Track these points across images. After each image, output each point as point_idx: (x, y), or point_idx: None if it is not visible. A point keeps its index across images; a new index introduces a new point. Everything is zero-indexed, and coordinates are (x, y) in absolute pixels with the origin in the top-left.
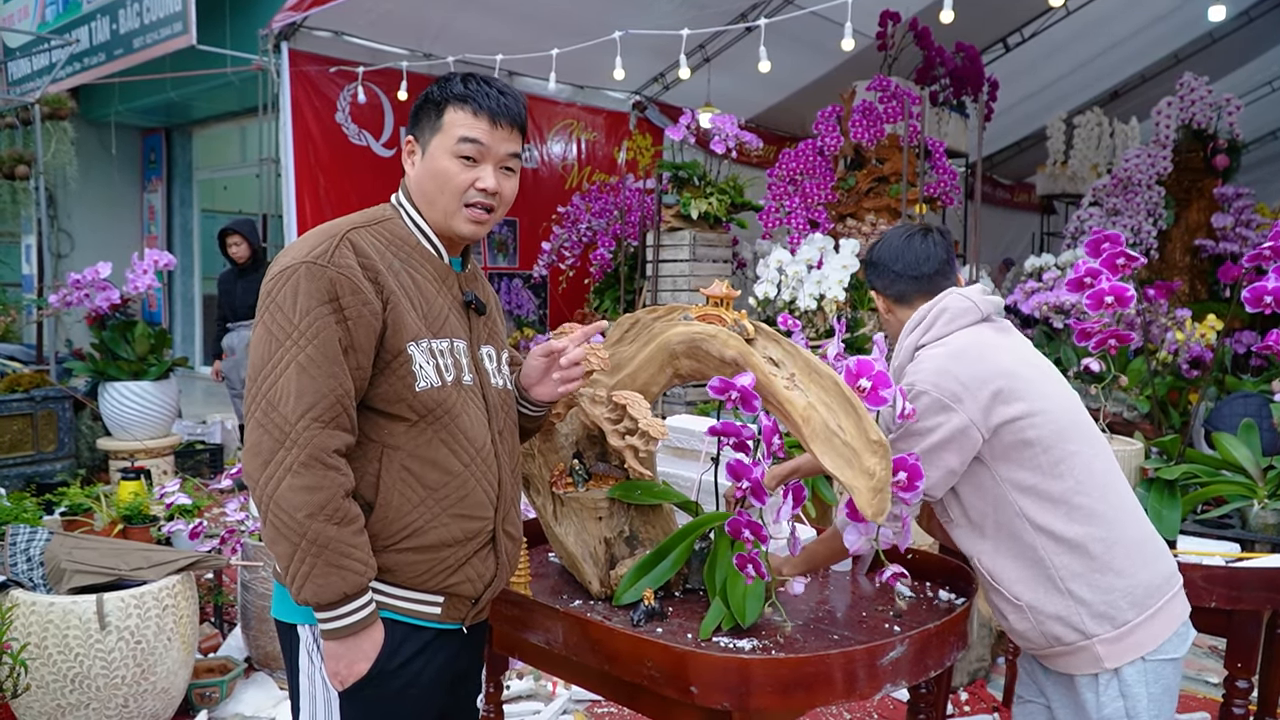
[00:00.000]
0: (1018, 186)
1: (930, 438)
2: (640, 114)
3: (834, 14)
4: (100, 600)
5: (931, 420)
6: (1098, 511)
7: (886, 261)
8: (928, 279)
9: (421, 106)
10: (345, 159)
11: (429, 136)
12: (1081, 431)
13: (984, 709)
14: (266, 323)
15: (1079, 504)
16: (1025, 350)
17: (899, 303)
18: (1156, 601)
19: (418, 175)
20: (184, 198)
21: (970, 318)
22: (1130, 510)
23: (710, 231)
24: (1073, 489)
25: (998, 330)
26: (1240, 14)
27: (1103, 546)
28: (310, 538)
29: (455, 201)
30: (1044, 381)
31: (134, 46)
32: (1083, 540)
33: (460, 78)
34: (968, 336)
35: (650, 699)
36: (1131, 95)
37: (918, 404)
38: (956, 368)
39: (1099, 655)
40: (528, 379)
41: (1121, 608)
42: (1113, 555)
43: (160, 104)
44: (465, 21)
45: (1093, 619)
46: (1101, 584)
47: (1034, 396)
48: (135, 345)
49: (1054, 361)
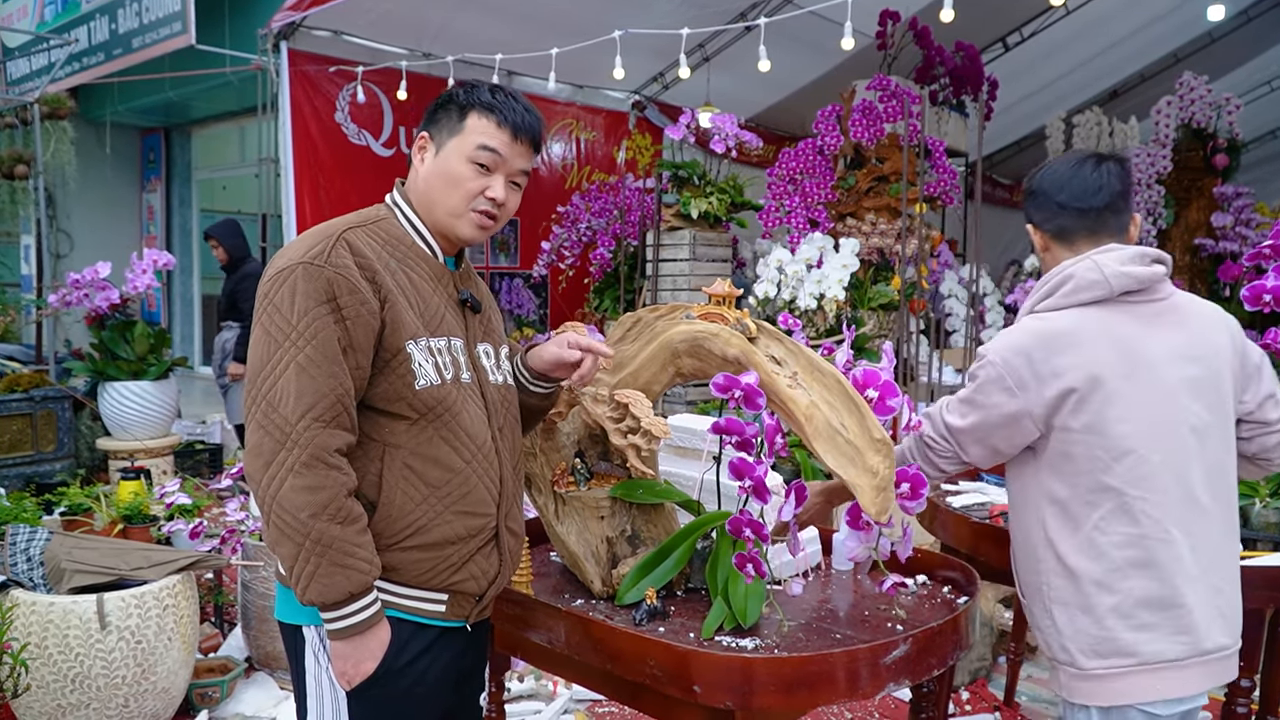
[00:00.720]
0: (1017, 186)
1: (984, 414)
2: (639, 114)
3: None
4: (100, 600)
5: (991, 397)
6: (1109, 555)
7: (1048, 190)
8: (1095, 214)
9: (442, 106)
10: (345, 159)
11: (446, 137)
12: (1146, 470)
13: (985, 708)
14: (265, 324)
15: (1094, 539)
16: (1156, 352)
17: (1058, 240)
18: (1129, 663)
19: (427, 173)
20: (183, 198)
21: (1093, 294)
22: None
23: (710, 231)
24: (1095, 523)
25: (1133, 317)
26: (1239, 13)
27: (1095, 589)
28: (314, 538)
29: (463, 204)
30: (1140, 399)
31: (133, 46)
32: (1079, 573)
33: (489, 87)
34: (1074, 319)
35: (653, 698)
36: (1131, 95)
37: (983, 373)
38: (1037, 353)
39: (1062, 683)
40: (540, 361)
41: (1085, 652)
42: (1099, 600)
43: (159, 104)
44: (465, 21)
45: (1060, 648)
46: (1077, 621)
47: (1108, 414)
48: (135, 345)
49: None
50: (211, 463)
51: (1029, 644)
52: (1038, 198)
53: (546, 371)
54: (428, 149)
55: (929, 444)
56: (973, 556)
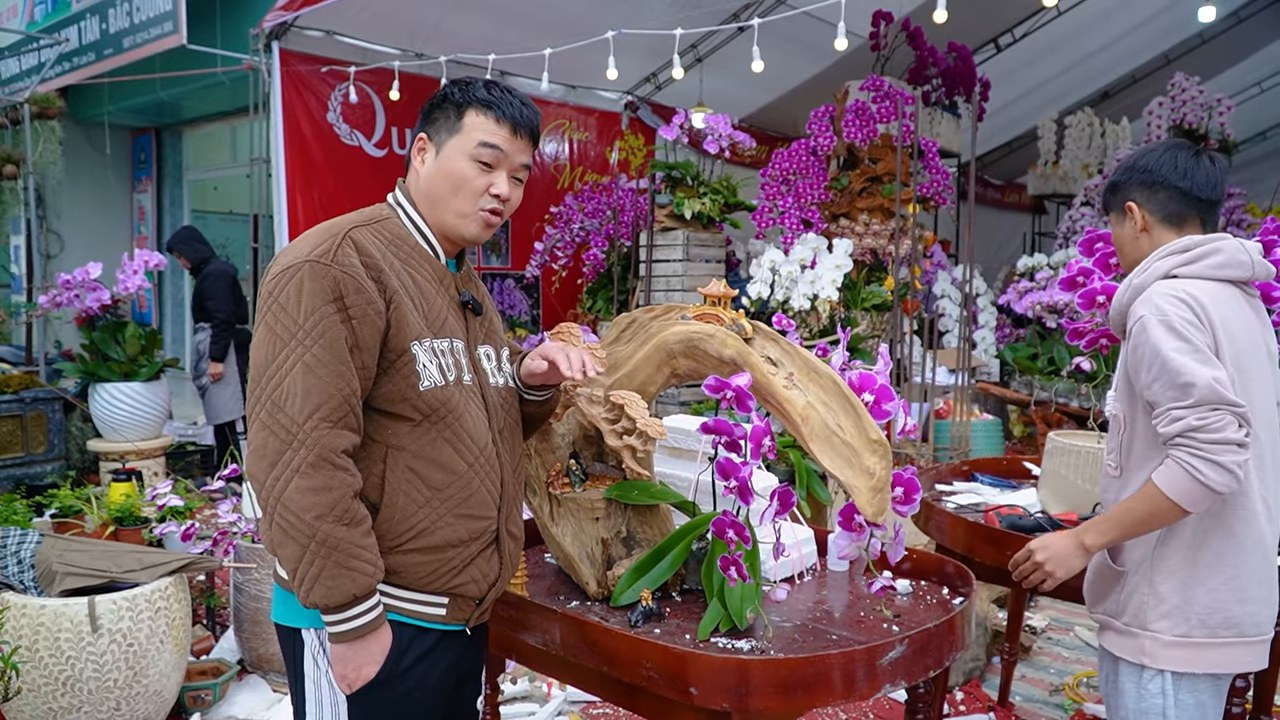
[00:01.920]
0: (1009, 186)
1: (1197, 348)
2: (632, 114)
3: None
4: (92, 603)
5: (1191, 336)
6: (1234, 531)
7: (1168, 175)
8: (1210, 205)
9: (438, 105)
10: (337, 159)
11: (445, 137)
12: (1259, 449)
13: (979, 708)
14: (269, 323)
15: (1221, 514)
16: (1257, 336)
17: (1167, 223)
18: (1229, 635)
19: (428, 174)
20: (174, 198)
21: (1236, 273)
22: (1267, 548)
23: (704, 231)
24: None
25: (1251, 304)
26: (1230, 14)
27: (1215, 560)
28: (320, 539)
29: (470, 204)
30: (1257, 379)
31: (124, 46)
32: (1202, 544)
33: (483, 83)
34: (1217, 290)
35: (649, 700)
36: (1122, 95)
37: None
38: (1195, 303)
39: (1145, 649)
40: (525, 373)
41: (1191, 620)
42: (1217, 572)
43: (150, 104)
44: (457, 21)
45: (1158, 616)
46: (1189, 591)
47: (1238, 384)
48: (126, 346)
49: (1046, 360)
50: (203, 464)
51: (1023, 644)
52: (1152, 180)
53: (536, 379)
54: (427, 150)
55: (1199, 426)
56: (968, 557)
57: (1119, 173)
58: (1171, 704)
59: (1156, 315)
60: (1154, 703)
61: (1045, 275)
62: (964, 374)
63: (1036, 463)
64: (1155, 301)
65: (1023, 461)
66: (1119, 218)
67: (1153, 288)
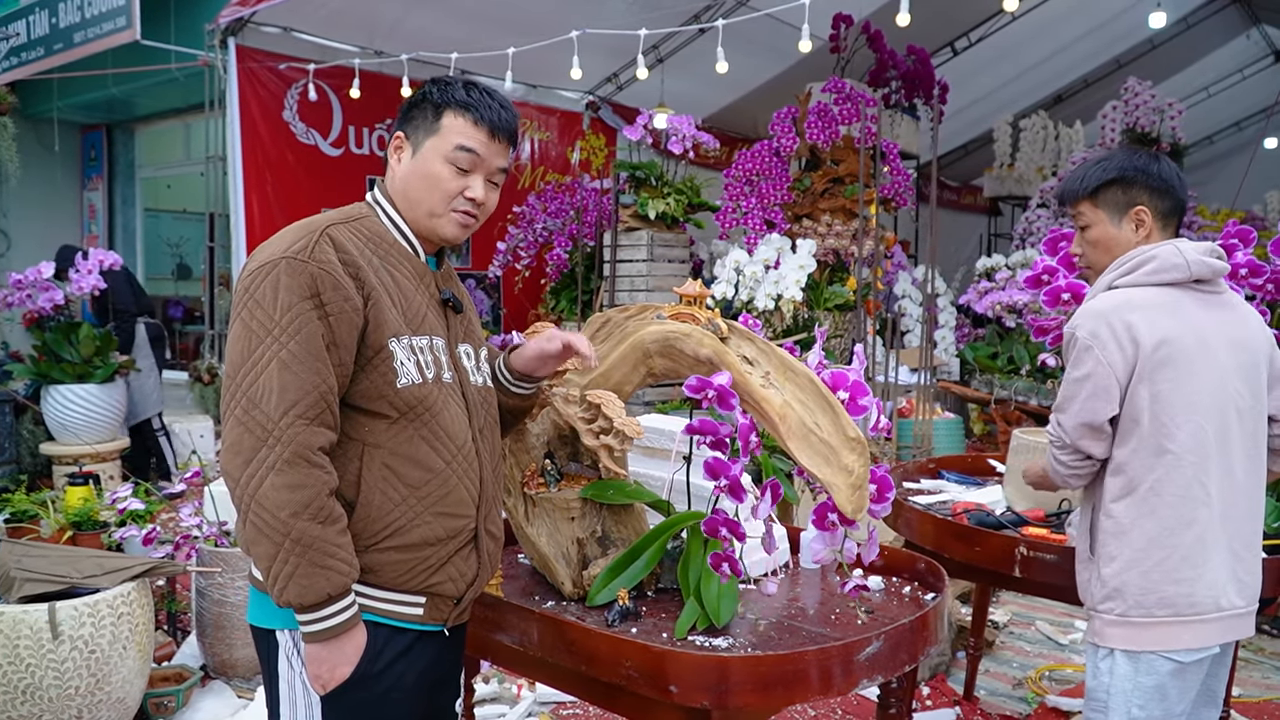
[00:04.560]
0: (965, 188)
1: (1086, 390)
2: (594, 114)
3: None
4: (53, 609)
5: (1083, 367)
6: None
7: (1169, 179)
8: (1184, 208)
9: (416, 105)
10: (293, 158)
11: (423, 137)
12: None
13: (945, 703)
14: (245, 319)
15: (1149, 500)
16: (1205, 331)
17: (1163, 225)
18: (1165, 614)
19: (405, 173)
20: (126, 196)
21: (1173, 275)
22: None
23: (668, 232)
24: (1152, 484)
25: (1200, 302)
26: (1179, 20)
27: (1147, 545)
28: (294, 537)
29: (443, 205)
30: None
31: (74, 41)
32: (1132, 530)
33: (462, 84)
34: (1153, 295)
35: (628, 699)
36: (1075, 99)
37: (1074, 350)
38: (1116, 319)
39: (1095, 629)
40: (522, 359)
41: (1129, 601)
42: (1149, 555)
43: (101, 100)
44: (418, 19)
45: (1103, 598)
46: (1125, 575)
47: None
48: (80, 348)
49: (1006, 359)
50: (158, 467)
51: (987, 639)
52: (1162, 187)
53: (529, 370)
54: (404, 149)
55: (1054, 457)
56: (937, 553)
57: (1125, 171)
58: (1128, 684)
59: (1078, 330)
60: (1103, 680)
61: (1004, 276)
62: (926, 373)
63: (1000, 460)
64: (1084, 314)
65: (987, 459)
66: (1116, 218)
67: (1088, 304)
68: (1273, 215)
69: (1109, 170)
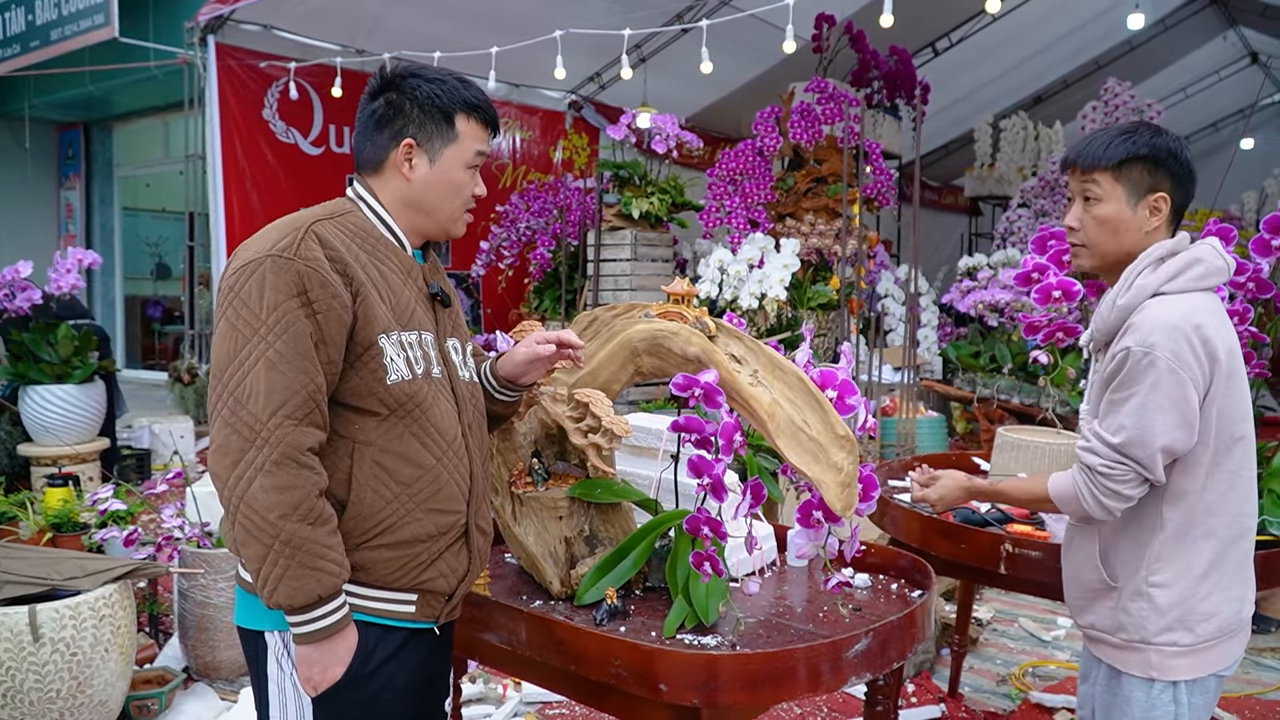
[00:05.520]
0: (946, 188)
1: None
2: (576, 113)
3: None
4: (33, 611)
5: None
6: (1218, 534)
7: (1194, 172)
8: None
9: (422, 108)
10: (273, 156)
11: (440, 146)
12: (1250, 451)
13: (931, 700)
14: (231, 318)
15: (1207, 521)
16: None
17: (1176, 216)
18: (1218, 632)
19: (424, 183)
20: (104, 195)
21: (1218, 279)
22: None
23: (651, 231)
24: (1209, 505)
25: (1219, 304)
26: (1157, 22)
27: (1208, 566)
28: (284, 539)
29: (460, 209)
30: (1243, 386)
31: (51, 38)
32: (1194, 552)
33: (457, 80)
34: (1204, 302)
35: (617, 698)
36: (1054, 100)
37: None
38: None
39: (1153, 663)
40: (511, 364)
41: (1190, 627)
42: (1210, 576)
43: (78, 98)
44: (400, 16)
45: (1161, 630)
46: (1187, 602)
47: (1234, 399)
48: (59, 348)
49: (988, 358)
50: (139, 468)
51: (971, 636)
52: (1186, 175)
53: (516, 376)
54: (416, 158)
55: (1103, 472)
56: (922, 550)
57: (1158, 151)
58: (1185, 710)
59: (1141, 348)
60: (1166, 710)
61: (986, 275)
62: (910, 372)
63: (984, 457)
64: (1145, 331)
65: (971, 457)
66: (1133, 199)
67: (1146, 312)
68: (1249, 215)
69: (1140, 145)
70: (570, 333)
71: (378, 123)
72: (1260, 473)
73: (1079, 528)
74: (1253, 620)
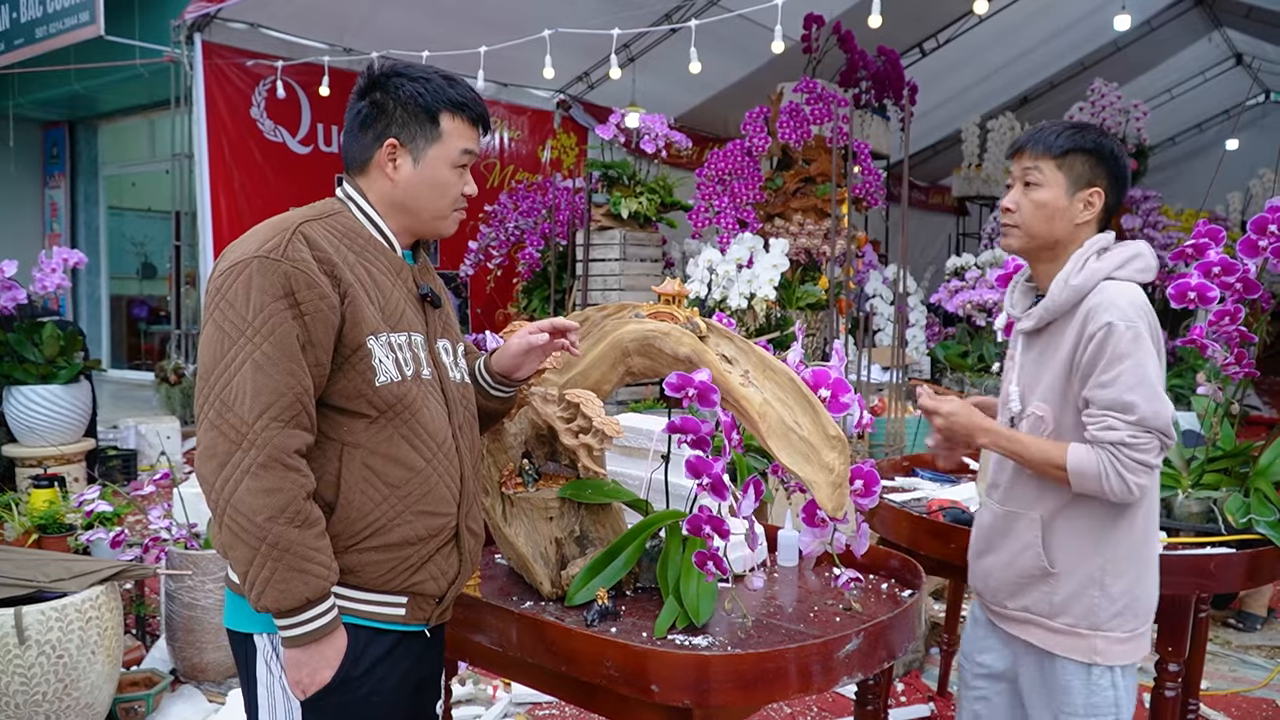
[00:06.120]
0: (933, 188)
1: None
2: (564, 113)
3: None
4: (19, 613)
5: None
6: (1151, 521)
7: (1128, 178)
8: None
9: (405, 108)
10: (261, 156)
11: (424, 145)
12: None
13: (920, 699)
14: (217, 320)
15: (1149, 507)
16: None
17: (1108, 215)
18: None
19: (409, 183)
20: (89, 194)
21: (1151, 276)
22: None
23: (640, 231)
24: (1149, 491)
25: None
26: (1143, 23)
27: (1150, 554)
28: (270, 542)
29: (449, 208)
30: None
31: (36, 36)
32: (1145, 539)
33: (443, 78)
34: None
35: (608, 698)
36: (1041, 100)
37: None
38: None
39: (1097, 649)
40: (507, 357)
41: (1138, 615)
42: (1150, 563)
43: (63, 96)
44: (388, 15)
45: (1111, 616)
46: (1135, 589)
47: None
48: (44, 348)
49: (976, 358)
50: (125, 469)
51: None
52: (1120, 175)
53: (513, 367)
54: (400, 158)
55: (1129, 443)
56: (912, 550)
57: (1101, 148)
58: (1123, 694)
59: (1124, 322)
60: (1106, 696)
61: (974, 275)
62: (899, 372)
63: (974, 457)
64: (1122, 307)
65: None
66: (1072, 189)
67: (1109, 292)
68: (1235, 215)
69: (1086, 140)
70: (561, 318)
71: (362, 123)
72: (1246, 472)
73: (1019, 515)
74: (1238, 619)
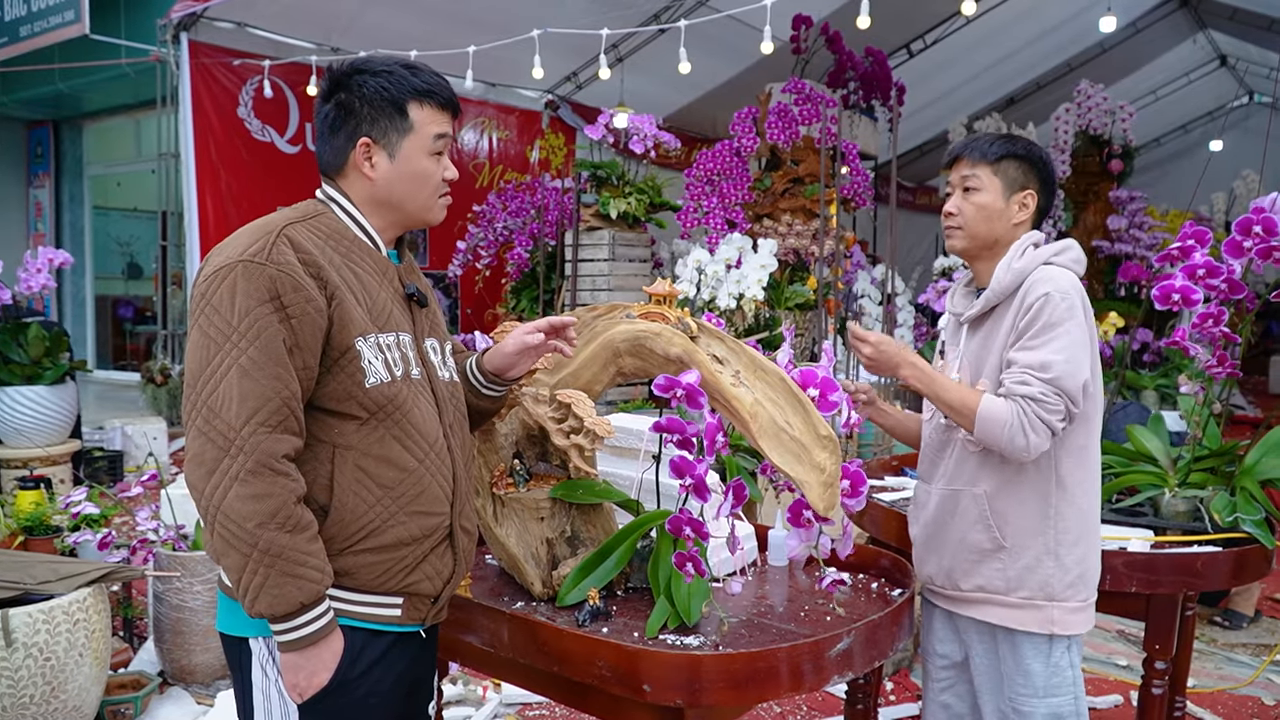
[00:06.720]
0: (920, 189)
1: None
2: (553, 113)
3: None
4: (5, 616)
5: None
6: (1098, 492)
7: (1056, 185)
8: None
9: (372, 105)
10: (248, 155)
11: (397, 139)
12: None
13: (909, 698)
14: (203, 326)
15: (1095, 479)
16: None
17: (1039, 216)
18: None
19: (387, 179)
20: (74, 194)
21: (1082, 269)
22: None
23: (629, 231)
24: (1092, 463)
25: None
26: (1129, 25)
27: (1095, 524)
28: (262, 548)
29: (433, 197)
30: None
31: (20, 35)
32: (1090, 512)
33: (406, 68)
34: None
35: (600, 699)
36: (1027, 101)
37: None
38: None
39: (1055, 619)
40: (501, 356)
41: (1089, 585)
42: (1095, 534)
43: (48, 95)
44: (375, 14)
45: (1065, 586)
46: (1088, 559)
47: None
48: (29, 348)
49: None
50: (110, 470)
51: None
52: (1052, 182)
53: (505, 369)
54: (376, 155)
55: (1039, 399)
56: (902, 550)
57: (1031, 155)
58: (1079, 673)
59: (1060, 294)
60: (1065, 675)
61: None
62: None
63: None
64: (1060, 283)
65: None
66: (1007, 193)
67: (1048, 271)
68: (1219, 216)
69: (1017, 147)
70: (559, 316)
71: (332, 126)
72: (1232, 471)
73: (963, 492)
74: (1225, 617)
